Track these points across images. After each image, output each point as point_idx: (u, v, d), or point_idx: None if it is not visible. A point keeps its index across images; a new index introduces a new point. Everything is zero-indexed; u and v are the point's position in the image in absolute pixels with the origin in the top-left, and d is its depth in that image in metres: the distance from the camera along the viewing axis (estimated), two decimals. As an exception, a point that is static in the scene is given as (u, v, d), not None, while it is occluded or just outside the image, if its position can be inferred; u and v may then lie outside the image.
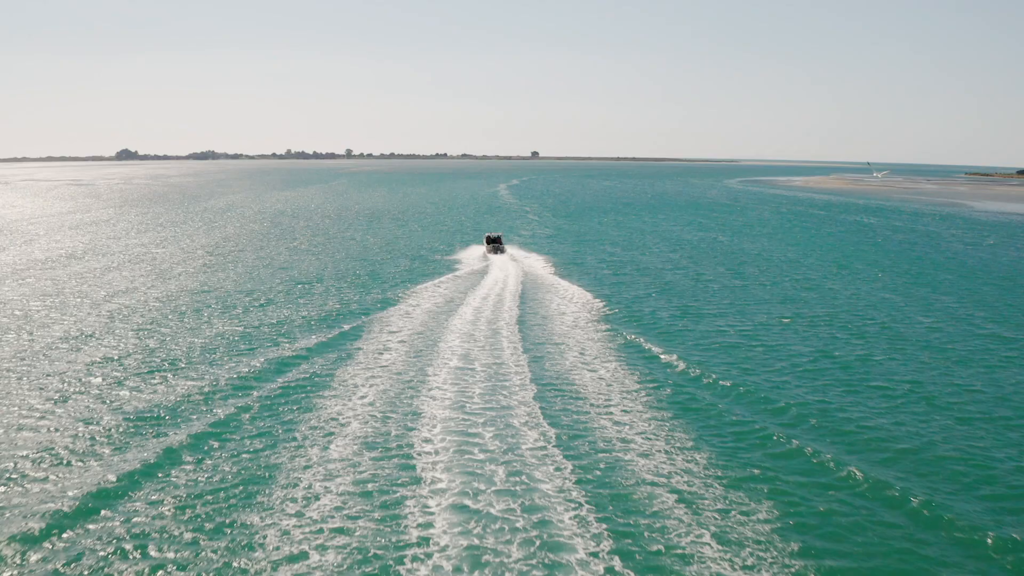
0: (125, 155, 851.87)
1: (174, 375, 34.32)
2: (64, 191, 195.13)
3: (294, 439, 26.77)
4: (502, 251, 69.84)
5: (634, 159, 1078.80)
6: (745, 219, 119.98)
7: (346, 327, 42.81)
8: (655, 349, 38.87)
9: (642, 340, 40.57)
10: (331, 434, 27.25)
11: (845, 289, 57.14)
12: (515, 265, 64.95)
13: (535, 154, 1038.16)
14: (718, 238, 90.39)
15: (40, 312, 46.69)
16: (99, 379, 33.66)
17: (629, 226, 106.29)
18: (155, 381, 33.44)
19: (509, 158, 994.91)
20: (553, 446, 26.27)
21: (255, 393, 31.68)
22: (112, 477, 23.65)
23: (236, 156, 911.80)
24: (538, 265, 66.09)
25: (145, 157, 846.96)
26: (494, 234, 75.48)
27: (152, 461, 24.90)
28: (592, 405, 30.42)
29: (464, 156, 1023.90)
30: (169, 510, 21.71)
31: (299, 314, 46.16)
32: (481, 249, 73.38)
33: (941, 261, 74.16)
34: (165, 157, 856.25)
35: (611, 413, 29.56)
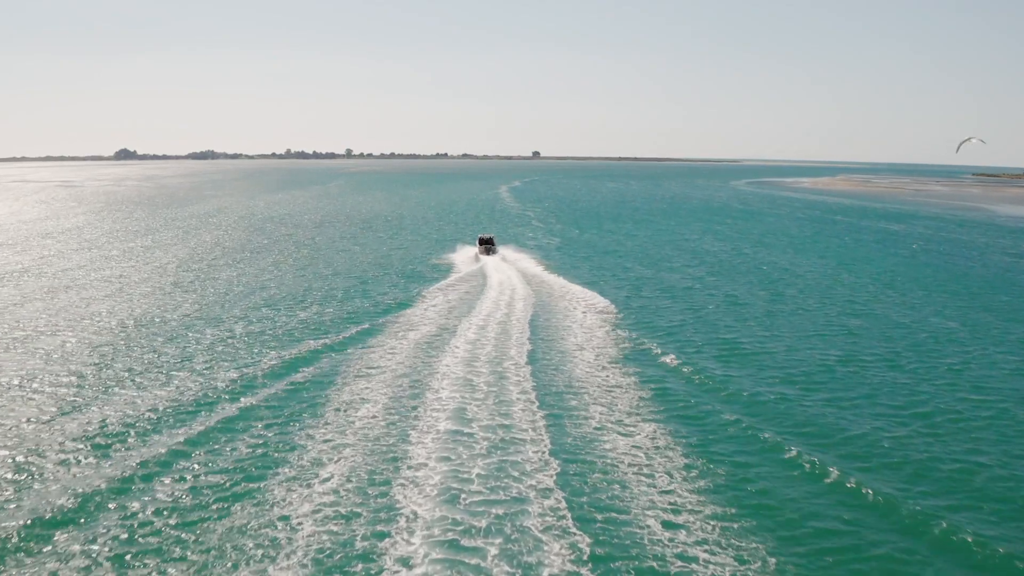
0: (124, 155, 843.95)
1: (100, 421, 26.91)
2: (48, 194, 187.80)
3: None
4: (494, 252, 70.51)
5: (635, 159, 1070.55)
6: (765, 227, 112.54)
7: (316, 369, 35.45)
8: (703, 403, 31.51)
9: (683, 390, 33.22)
10: (268, 560, 19.77)
11: (900, 316, 49.61)
12: (520, 281, 57.58)
13: (536, 154, 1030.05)
14: (743, 250, 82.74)
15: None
16: (16, 423, 26.33)
17: (643, 235, 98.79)
18: (81, 431, 26.09)
19: (510, 158, 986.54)
20: (587, 569, 18.97)
21: (168, 483, 24.33)
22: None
23: (236, 156, 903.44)
24: (548, 284, 58.20)
25: (144, 157, 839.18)
26: (486, 235, 76.43)
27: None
28: (633, 494, 23.05)
29: (465, 156, 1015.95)
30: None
31: (261, 351, 38.63)
32: (474, 250, 73.53)
33: (991, 278, 66.72)
34: (164, 157, 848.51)
35: (657, 507, 22.21)
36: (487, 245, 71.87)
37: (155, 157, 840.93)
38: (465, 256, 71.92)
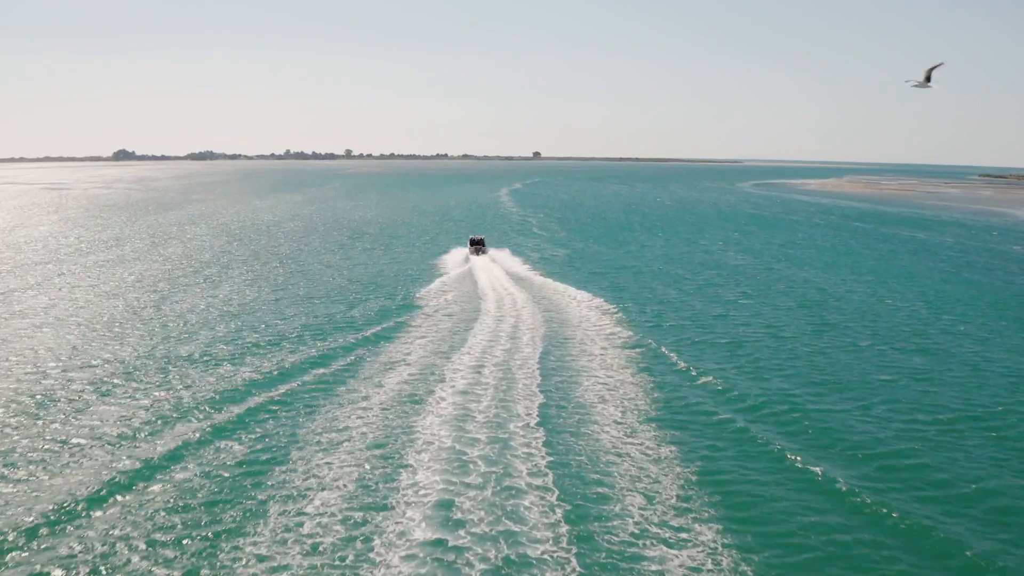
0: (123, 155, 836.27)
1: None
2: (29, 198, 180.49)
3: None
4: (484, 252, 74.44)
5: (636, 159, 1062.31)
6: (786, 236, 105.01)
7: (266, 435, 28.33)
8: (773, 493, 24.31)
9: (740, 470, 26.02)
10: None
11: (970, 354, 41.97)
12: (526, 307, 50.06)
13: (536, 154, 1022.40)
14: (771, 265, 75.05)
15: None
16: None
17: (658, 246, 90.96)
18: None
19: (510, 158, 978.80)
20: None
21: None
22: None
23: (235, 156, 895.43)
24: (557, 307, 50.74)
25: (143, 157, 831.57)
26: (477, 237, 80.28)
27: None
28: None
29: (465, 156, 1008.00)
30: None
31: (209, 403, 31.39)
32: (465, 251, 76.43)
33: (1053, 298, 59.29)
34: (163, 157, 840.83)
35: None
36: (477, 246, 75.73)
37: (154, 158, 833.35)
38: (459, 268, 68.13)
